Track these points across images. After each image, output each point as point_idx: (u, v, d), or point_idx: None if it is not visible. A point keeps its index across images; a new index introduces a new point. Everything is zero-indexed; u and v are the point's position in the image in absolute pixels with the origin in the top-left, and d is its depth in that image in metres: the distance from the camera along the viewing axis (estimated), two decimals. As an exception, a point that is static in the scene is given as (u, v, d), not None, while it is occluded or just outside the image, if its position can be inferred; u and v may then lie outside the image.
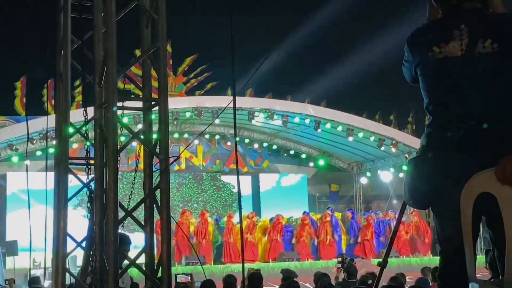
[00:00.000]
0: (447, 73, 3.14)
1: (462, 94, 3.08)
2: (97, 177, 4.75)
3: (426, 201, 3.24)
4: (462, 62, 3.09)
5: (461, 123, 3.07)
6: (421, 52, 3.25)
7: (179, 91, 23.79)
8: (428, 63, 3.22)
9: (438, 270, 3.31)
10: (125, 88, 5.58)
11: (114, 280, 4.34)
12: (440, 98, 3.21)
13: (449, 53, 3.13)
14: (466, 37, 3.11)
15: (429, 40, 3.23)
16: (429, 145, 3.21)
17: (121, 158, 4.78)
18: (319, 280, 9.19)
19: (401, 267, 16.39)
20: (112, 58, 4.50)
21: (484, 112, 3.04)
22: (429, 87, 3.26)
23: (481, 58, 3.06)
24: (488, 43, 3.06)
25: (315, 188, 27.08)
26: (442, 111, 3.19)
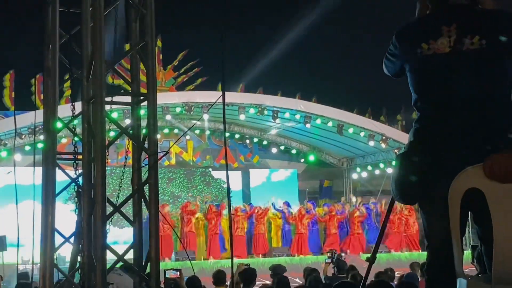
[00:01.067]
0: (436, 69, 3.14)
1: (450, 90, 3.09)
2: (85, 172, 4.72)
3: (414, 197, 3.24)
4: (451, 58, 3.09)
5: (449, 119, 3.08)
6: (410, 48, 3.25)
7: (169, 86, 23.73)
8: (417, 60, 3.22)
9: (425, 265, 3.32)
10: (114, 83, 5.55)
11: (102, 276, 4.32)
12: (428, 95, 3.21)
13: (438, 50, 3.13)
14: (455, 34, 3.11)
15: (417, 36, 3.23)
16: (417, 141, 3.22)
17: (111, 154, 4.76)
18: (309, 275, 9.20)
19: (391, 262, 16.45)
20: (100, 53, 4.47)
21: (472, 109, 3.05)
22: (418, 83, 3.26)
23: (469, 54, 3.06)
24: (476, 39, 3.06)
25: (305, 184, 27.10)
26: (430, 107, 3.20)
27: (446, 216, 2.88)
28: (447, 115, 3.09)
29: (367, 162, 25.25)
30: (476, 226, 3.13)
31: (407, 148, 3.27)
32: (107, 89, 4.62)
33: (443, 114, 3.11)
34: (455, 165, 2.93)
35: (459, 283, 2.84)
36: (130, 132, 5.01)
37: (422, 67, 3.22)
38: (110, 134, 5.57)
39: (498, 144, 2.91)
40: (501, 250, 2.67)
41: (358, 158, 25.83)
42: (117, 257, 4.75)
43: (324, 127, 22.35)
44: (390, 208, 4.15)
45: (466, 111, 3.06)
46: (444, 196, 2.90)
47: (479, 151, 2.91)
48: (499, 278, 2.65)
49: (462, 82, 3.07)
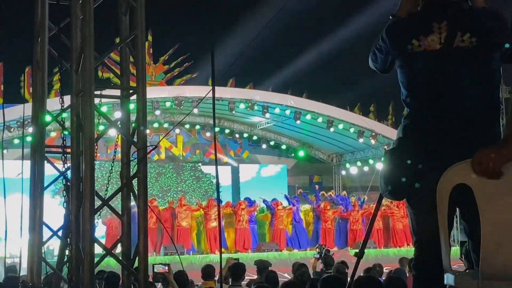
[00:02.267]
0: (426, 66, 3.15)
1: (439, 87, 3.10)
2: (73, 166, 4.70)
3: (402, 192, 3.25)
4: (441, 55, 3.09)
5: (438, 116, 3.09)
6: (400, 44, 3.25)
7: (159, 80, 23.67)
8: (407, 56, 3.22)
9: (413, 261, 3.33)
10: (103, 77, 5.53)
11: (90, 269, 4.31)
12: (418, 91, 3.22)
13: (428, 47, 3.13)
14: (445, 31, 3.11)
15: (408, 32, 3.23)
16: (406, 137, 3.23)
17: (100, 148, 4.74)
18: (297, 270, 9.21)
19: (379, 258, 16.51)
20: (90, 45, 4.44)
21: (461, 105, 3.06)
22: (407, 79, 3.26)
23: (459, 51, 3.07)
24: (466, 37, 3.07)
25: (295, 179, 27.14)
26: (420, 104, 3.20)
27: (434, 211, 2.89)
28: (436, 112, 3.10)
29: (356, 158, 25.33)
30: (464, 222, 3.14)
31: (396, 144, 3.28)
32: (96, 83, 4.60)
33: (432, 110, 3.12)
34: (443, 161, 2.94)
35: (447, 278, 2.85)
36: (119, 125, 4.99)
37: (412, 64, 3.22)
38: (99, 128, 5.54)
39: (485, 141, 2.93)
40: (489, 246, 2.68)
41: (347, 154, 25.91)
42: (105, 251, 4.73)
43: (314, 122, 22.38)
44: (379, 204, 4.15)
45: (455, 108, 3.07)
46: (432, 191, 2.90)
47: (467, 147, 2.92)
48: (487, 273, 2.66)
49: (452, 79, 3.08)
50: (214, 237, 18.51)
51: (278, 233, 19.57)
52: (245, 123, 24.61)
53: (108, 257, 5.08)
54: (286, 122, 22.97)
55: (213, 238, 18.50)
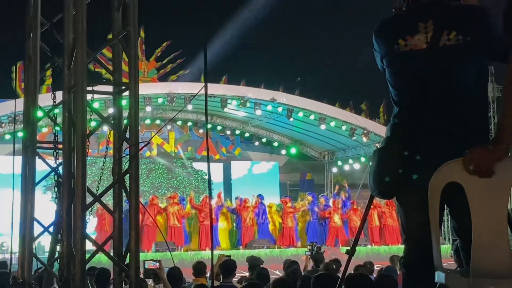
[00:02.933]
0: (413, 65, 3.16)
1: (427, 86, 3.11)
2: (65, 162, 4.68)
3: (390, 191, 3.26)
4: (427, 54, 3.11)
5: (426, 114, 3.10)
6: (387, 44, 3.27)
7: (152, 76, 23.62)
8: (394, 56, 3.24)
9: (402, 259, 3.34)
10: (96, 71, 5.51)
11: (81, 265, 4.30)
12: (406, 90, 3.23)
13: (415, 46, 3.15)
14: (431, 30, 3.12)
15: (395, 32, 3.25)
16: (394, 136, 3.24)
17: (92, 144, 4.73)
18: (288, 267, 9.22)
19: (370, 255, 16.55)
20: (82, 41, 4.42)
21: (449, 104, 3.08)
22: (395, 79, 3.28)
23: (446, 50, 3.08)
24: (452, 35, 3.08)
25: (286, 176, 27.18)
26: (407, 103, 3.21)
27: (424, 209, 2.91)
28: (424, 110, 3.12)
29: (348, 155, 25.37)
30: (453, 220, 3.16)
31: (384, 142, 3.29)
32: (88, 79, 4.59)
33: (420, 109, 3.13)
34: (432, 160, 2.96)
35: (438, 276, 2.86)
36: (111, 121, 4.98)
37: (399, 63, 3.23)
38: (91, 124, 5.53)
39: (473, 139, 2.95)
40: (480, 244, 2.70)
41: (339, 152, 25.94)
42: (97, 247, 4.73)
43: (306, 120, 22.39)
44: (370, 202, 4.16)
45: (443, 106, 3.08)
46: (421, 189, 2.93)
47: (455, 146, 2.95)
48: (477, 271, 2.67)
49: (439, 77, 3.09)
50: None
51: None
52: (237, 120, 24.60)
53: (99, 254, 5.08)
54: (278, 119, 22.97)
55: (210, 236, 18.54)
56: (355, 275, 5.24)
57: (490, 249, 2.69)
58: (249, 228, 19.42)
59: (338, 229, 20.37)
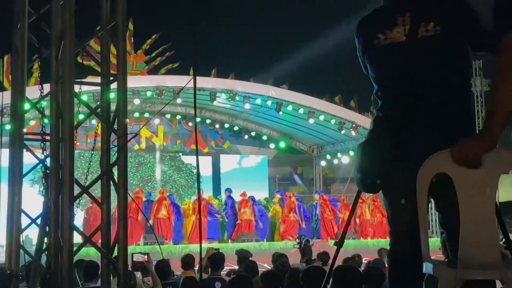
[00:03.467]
0: (393, 58, 3.15)
1: (408, 78, 3.10)
2: (52, 153, 4.66)
3: (376, 185, 3.27)
4: (407, 47, 3.10)
5: (408, 107, 3.10)
6: (367, 39, 3.27)
7: (141, 69, 23.54)
8: (374, 50, 3.23)
9: (389, 251, 3.34)
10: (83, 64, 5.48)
11: (69, 257, 4.28)
12: (387, 84, 3.23)
13: (394, 39, 3.14)
14: (409, 22, 3.12)
15: (374, 27, 3.25)
16: (377, 130, 3.25)
17: (80, 137, 4.71)
18: (277, 260, 9.24)
19: (358, 248, 16.60)
20: (70, 32, 4.40)
21: (430, 95, 3.08)
22: (376, 73, 3.28)
23: (425, 41, 3.07)
24: (430, 26, 3.08)
25: (275, 170, 27.20)
26: (389, 96, 3.22)
27: (409, 201, 2.93)
28: (405, 103, 3.12)
29: (337, 149, 25.42)
30: (439, 213, 3.16)
31: (368, 136, 3.30)
32: (76, 70, 4.56)
33: (401, 102, 3.13)
34: (415, 152, 2.98)
35: (426, 267, 2.87)
36: (99, 113, 4.96)
37: (380, 57, 3.23)
38: (79, 117, 5.50)
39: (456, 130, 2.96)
40: (467, 235, 2.70)
41: (328, 146, 25.99)
42: (85, 239, 4.71)
43: (295, 113, 22.41)
44: (358, 197, 4.18)
45: (425, 98, 3.08)
46: (406, 182, 2.94)
47: (439, 137, 2.96)
48: (465, 262, 2.68)
49: (420, 69, 3.09)
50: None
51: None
52: (227, 113, 24.58)
53: (88, 247, 5.06)
54: (267, 113, 22.98)
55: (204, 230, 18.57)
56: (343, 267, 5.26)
57: (478, 240, 2.70)
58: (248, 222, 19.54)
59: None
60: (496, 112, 2.67)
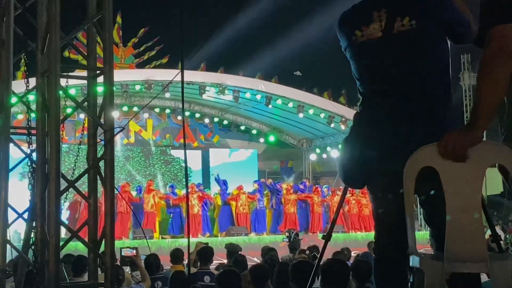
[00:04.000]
0: (370, 54, 3.18)
1: (385, 73, 3.13)
2: (39, 147, 4.62)
3: (359, 181, 3.30)
4: (383, 42, 3.12)
5: (387, 101, 3.12)
6: (347, 36, 3.30)
7: (129, 63, 23.45)
8: (353, 47, 3.26)
9: (374, 244, 3.35)
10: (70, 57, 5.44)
11: (56, 252, 4.26)
12: (366, 79, 3.26)
13: (371, 35, 3.16)
14: (385, 18, 3.14)
15: (351, 24, 3.27)
16: (358, 125, 3.28)
17: (68, 131, 4.69)
18: (266, 254, 9.24)
19: (347, 242, 16.64)
20: (56, 25, 4.36)
21: (408, 89, 3.09)
22: (356, 69, 3.31)
23: (401, 36, 3.09)
24: (406, 20, 3.09)
25: (265, 164, 27.21)
26: (368, 91, 3.25)
27: (393, 195, 2.95)
28: (384, 98, 3.14)
29: (326, 143, 25.47)
30: (424, 209, 3.18)
31: (350, 132, 3.32)
32: (63, 64, 4.52)
33: (380, 97, 3.16)
34: (396, 146, 3.00)
35: (412, 261, 2.87)
36: (85, 107, 4.92)
37: (358, 53, 3.26)
38: (67, 111, 5.46)
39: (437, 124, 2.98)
40: (454, 228, 2.71)
41: (317, 139, 26.02)
42: (71, 233, 4.69)
43: (284, 107, 22.42)
44: (345, 191, 4.18)
45: (403, 93, 3.10)
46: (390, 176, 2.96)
47: (419, 131, 2.99)
48: (451, 255, 2.68)
49: (397, 64, 3.11)
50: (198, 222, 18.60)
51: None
52: (216, 107, 24.54)
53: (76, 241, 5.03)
54: (256, 107, 22.96)
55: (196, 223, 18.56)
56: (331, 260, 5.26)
57: (464, 234, 2.70)
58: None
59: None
60: (481, 105, 2.67)
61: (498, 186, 20.23)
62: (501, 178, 2.80)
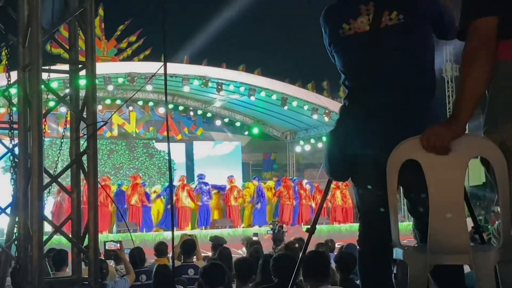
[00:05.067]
0: (358, 48, 3.19)
1: (373, 67, 3.14)
2: (20, 142, 4.59)
3: (344, 173, 3.32)
4: (371, 36, 3.14)
5: (374, 95, 3.15)
6: (332, 30, 3.30)
7: (112, 56, 23.30)
8: (340, 40, 3.27)
9: (358, 236, 3.38)
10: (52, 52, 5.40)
11: (39, 247, 4.24)
12: (352, 73, 3.28)
13: (358, 29, 3.18)
14: (373, 11, 3.16)
15: (338, 17, 3.28)
16: (343, 118, 3.30)
17: (51, 125, 4.64)
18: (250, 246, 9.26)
19: (331, 234, 16.71)
20: (37, 18, 4.32)
21: (394, 83, 3.12)
22: (342, 63, 3.32)
23: (389, 30, 3.12)
24: (394, 15, 3.12)
25: (249, 156, 27.22)
26: (355, 85, 3.26)
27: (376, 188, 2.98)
28: (371, 92, 3.16)
29: (310, 135, 25.50)
30: (406, 200, 3.20)
31: (335, 125, 3.33)
32: (44, 58, 4.48)
33: (367, 91, 3.18)
34: (382, 139, 3.03)
35: (396, 253, 2.89)
36: (68, 101, 4.89)
37: (345, 47, 3.27)
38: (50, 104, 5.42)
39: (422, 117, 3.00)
40: (437, 220, 2.73)
41: (301, 132, 26.05)
42: (55, 228, 4.66)
43: (268, 100, 22.40)
44: (329, 184, 4.19)
45: (389, 87, 3.13)
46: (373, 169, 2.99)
47: (404, 124, 3.02)
48: (434, 247, 2.71)
49: (384, 58, 3.13)
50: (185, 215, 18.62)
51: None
52: (200, 100, 24.48)
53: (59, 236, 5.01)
54: (240, 99, 22.93)
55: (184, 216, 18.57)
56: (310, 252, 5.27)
57: (447, 226, 2.72)
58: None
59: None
60: (464, 99, 2.69)
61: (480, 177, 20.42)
62: (483, 168, 2.82)
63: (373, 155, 3.06)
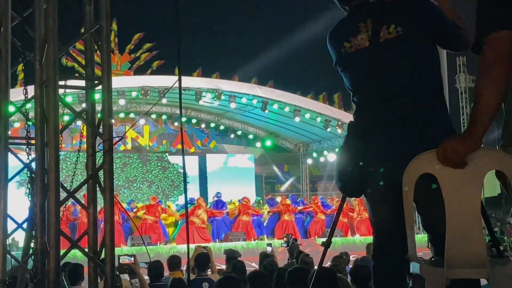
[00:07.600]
0: (360, 64, 3.22)
1: (376, 81, 3.17)
2: (38, 157, 4.63)
3: (356, 189, 3.32)
4: (371, 51, 3.17)
5: (380, 109, 3.16)
6: (336, 50, 3.36)
7: (125, 70, 23.44)
8: (343, 59, 3.31)
9: (372, 250, 3.38)
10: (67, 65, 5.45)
11: (56, 262, 4.26)
12: (358, 89, 3.30)
13: (359, 46, 3.22)
14: (371, 28, 3.19)
15: (340, 36, 3.33)
16: (351, 134, 3.31)
17: (65, 138, 4.68)
18: (264, 260, 9.25)
19: (346, 246, 16.64)
20: (53, 35, 4.37)
21: (401, 97, 3.13)
22: (348, 80, 3.36)
23: (387, 43, 3.14)
24: (392, 28, 3.14)
25: (262, 169, 27.22)
26: (361, 101, 3.29)
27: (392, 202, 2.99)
28: (377, 106, 3.18)
29: (323, 147, 25.47)
30: (421, 215, 3.19)
31: (344, 141, 3.35)
32: (60, 73, 4.53)
33: (372, 106, 3.20)
34: (391, 153, 3.04)
35: (413, 267, 2.89)
36: (84, 117, 4.93)
37: (348, 65, 3.31)
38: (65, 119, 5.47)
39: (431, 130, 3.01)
40: (454, 234, 2.72)
41: (314, 144, 26.03)
42: (71, 243, 4.69)
43: (281, 112, 22.42)
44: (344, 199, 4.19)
45: (395, 100, 3.13)
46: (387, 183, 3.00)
47: (412, 137, 3.04)
48: (452, 261, 2.70)
49: (386, 71, 3.15)
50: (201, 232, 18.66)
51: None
52: (212, 112, 24.54)
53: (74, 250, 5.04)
54: (253, 112, 22.97)
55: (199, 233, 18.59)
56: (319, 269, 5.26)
57: (464, 240, 2.72)
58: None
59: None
60: (480, 112, 2.69)
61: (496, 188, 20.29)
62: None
63: (383, 170, 3.07)
